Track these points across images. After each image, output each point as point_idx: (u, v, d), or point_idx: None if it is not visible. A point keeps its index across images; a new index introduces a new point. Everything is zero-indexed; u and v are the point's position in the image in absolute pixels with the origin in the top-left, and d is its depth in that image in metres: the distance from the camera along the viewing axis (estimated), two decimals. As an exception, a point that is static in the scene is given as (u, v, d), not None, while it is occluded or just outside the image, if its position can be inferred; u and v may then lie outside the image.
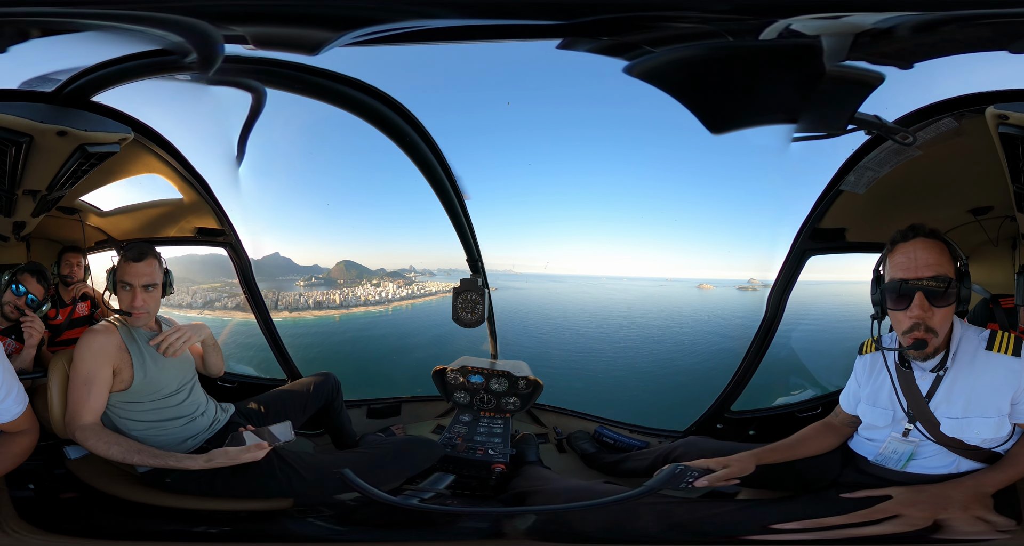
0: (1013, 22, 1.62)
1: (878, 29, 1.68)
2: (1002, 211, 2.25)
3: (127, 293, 2.08)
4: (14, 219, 2.43)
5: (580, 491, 2.06)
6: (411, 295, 4.98)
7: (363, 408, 3.14)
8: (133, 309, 2.07)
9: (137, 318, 2.09)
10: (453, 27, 1.84)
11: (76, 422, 1.95)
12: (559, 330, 4.04)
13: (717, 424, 2.89)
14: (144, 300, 2.08)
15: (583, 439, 2.89)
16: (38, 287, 2.41)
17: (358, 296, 4.59)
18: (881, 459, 1.84)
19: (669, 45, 1.85)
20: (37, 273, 2.42)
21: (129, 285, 2.07)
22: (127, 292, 2.08)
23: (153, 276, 2.09)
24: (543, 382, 2.92)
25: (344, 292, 4.58)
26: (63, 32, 1.84)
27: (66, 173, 2.26)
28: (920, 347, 1.68)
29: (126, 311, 2.09)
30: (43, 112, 2.04)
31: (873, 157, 2.24)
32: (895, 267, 1.71)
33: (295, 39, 1.86)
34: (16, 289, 2.37)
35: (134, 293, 2.07)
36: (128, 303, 2.08)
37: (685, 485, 1.84)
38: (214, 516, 1.97)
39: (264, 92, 2.31)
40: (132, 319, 2.09)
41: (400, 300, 4.96)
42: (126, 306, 2.08)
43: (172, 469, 1.90)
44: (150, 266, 2.09)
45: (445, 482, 2.41)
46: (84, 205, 2.70)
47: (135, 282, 2.06)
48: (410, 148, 2.52)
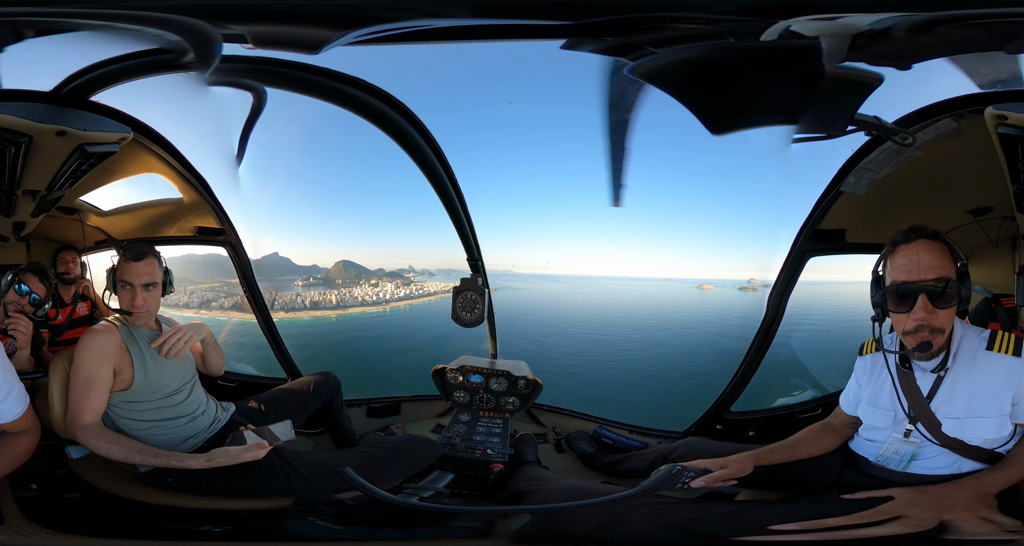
0: (1009, 22, 1.61)
1: (877, 30, 1.68)
2: (1002, 211, 2.26)
3: (127, 292, 2.08)
4: (14, 219, 2.44)
5: (577, 491, 2.06)
6: (409, 295, 4.97)
7: (363, 407, 3.15)
8: (133, 308, 2.08)
9: (138, 317, 2.10)
10: (455, 27, 1.83)
11: (77, 422, 1.97)
12: (559, 332, 4.03)
13: (717, 425, 2.90)
14: (144, 299, 2.09)
15: (582, 439, 2.90)
16: (40, 286, 2.44)
17: (355, 296, 4.59)
18: (882, 460, 1.84)
19: (671, 46, 1.84)
20: (39, 273, 2.46)
21: (129, 284, 2.08)
22: (127, 291, 2.08)
23: (153, 275, 2.10)
24: (542, 382, 2.93)
25: (341, 292, 4.58)
26: (61, 31, 1.83)
27: (65, 173, 2.26)
28: (925, 348, 1.68)
29: (126, 311, 2.10)
30: (42, 112, 2.03)
31: (873, 158, 2.25)
32: (897, 269, 1.70)
33: (296, 38, 1.85)
34: (19, 289, 2.39)
35: (134, 292, 2.08)
36: (128, 302, 2.09)
37: (682, 485, 1.84)
38: (216, 515, 1.99)
39: (264, 91, 2.31)
40: (133, 318, 2.10)
41: (398, 301, 4.95)
42: (126, 305, 2.09)
43: (173, 468, 1.91)
44: (150, 265, 2.10)
45: (443, 481, 2.42)
46: (84, 205, 2.72)
47: (135, 281, 2.07)
48: (411, 147, 2.52)
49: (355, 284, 4.64)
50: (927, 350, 1.69)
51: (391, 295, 4.76)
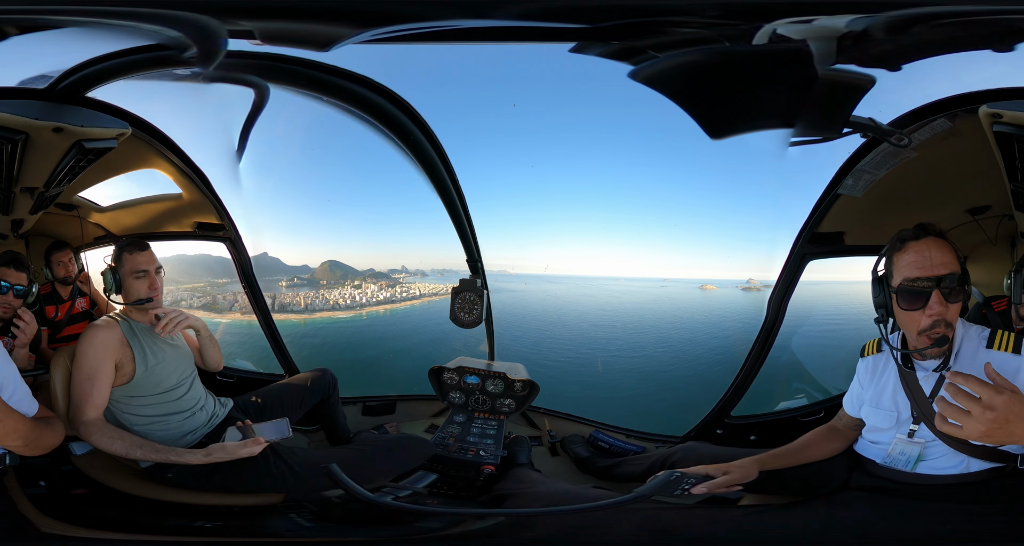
0: (998, 20, 1.67)
1: (867, 30, 1.74)
2: (999, 210, 2.31)
3: (142, 281, 2.19)
4: (12, 217, 2.49)
5: (565, 495, 2.09)
6: (391, 299, 4.75)
7: (358, 405, 3.19)
8: (154, 292, 2.20)
9: (158, 300, 2.21)
10: (464, 28, 1.89)
11: (80, 417, 2.05)
12: (558, 336, 4.05)
13: (717, 429, 2.90)
14: (161, 282, 2.21)
15: (577, 443, 2.91)
16: (19, 275, 2.39)
17: (326, 299, 4.44)
18: (889, 461, 1.85)
19: (672, 49, 1.89)
20: (13, 262, 2.40)
21: (143, 272, 2.19)
22: (142, 280, 2.19)
23: (156, 260, 2.24)
24: (539, 384, 2.95)
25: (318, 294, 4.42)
26: (59, 27, 1.88)
27: (63, 170, 2.33)
28: (943, 343, 1.70)
29: (146, 298, 2.20)
30: (38, 109, 2.10)
31: (869, 160, 2.29)
32: (909, 266, 1.73)
33: (307, 35, 1.90)
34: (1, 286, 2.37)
35: (150, 278, 2.19)
36: (147, 288, 2.20)
37: (681, 492, 1.84)
38: (215, 511, 2.06)
39: (266, 87, 2.37)
40: (153, 303, 2.21)
41: (376, 305, 4.73)
42: (145, 292, 2.20)
43: (173, 464, 2.00)
44: (152, 253, 2.24)
45: (428, 481, 2.47)
46: (82, 201, 2.77)
47: (149, 267, 2.20)
48: (414, 147, 2.57)
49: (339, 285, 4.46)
50: (944, 344, 1.71)
51: (370, 298, 4.45)
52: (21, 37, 1.86)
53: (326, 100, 2.37)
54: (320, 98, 2.36)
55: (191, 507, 2.04)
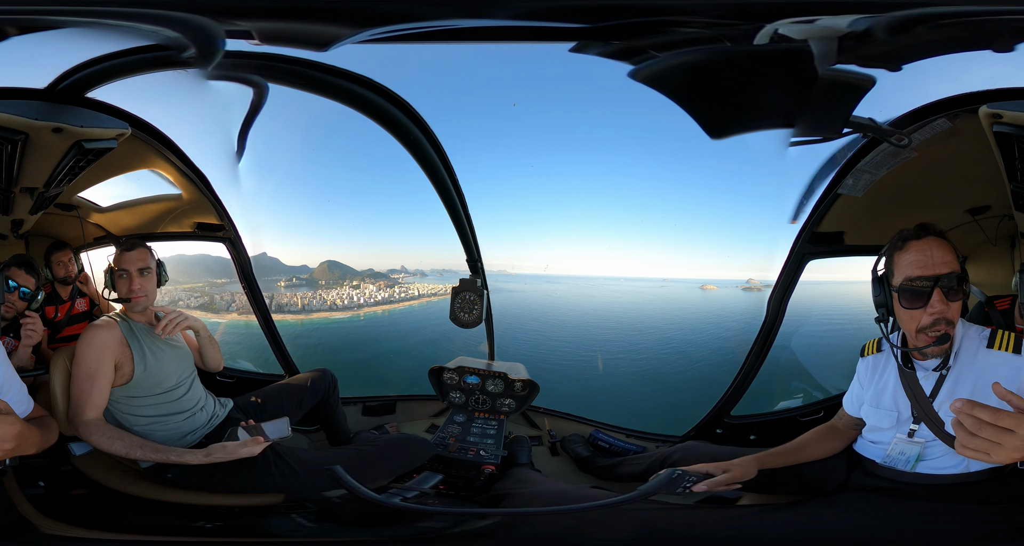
0: (997, 20, 1.68)
1: (868, 30, 1.74)
2: (999, 210, 2.32)
3: (124, 280, 2.22)
4: (12, 217, 2.49)
5: (565, 495, 2.10)
6: (389, 299, 4.74)
7: (359, 405, 3.20)
8: (132, 293, 2.21)
9: (136, 302, 2.23)
10: (464, 28, 1.89)
11: (79, 418, 2.06)
12: (558, 336, 4.06)
13: (717, 429, 2.91)
14: (141, 284, 2.22)
15: (577, 442, 2.92)
16: (28, 278, 2.45)
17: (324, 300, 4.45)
18: (889, 461, 1.87)
19: (673, 49, 1.90)
20: (24, 265, 2.46)
21: (125, 272, 2.22)
22: (124, 280, 2.22)
23: (146, 261, 2.25)
24: (539, 384, 2.96)
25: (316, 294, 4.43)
26: (58, 27, 1.89)
27: (63, 170, 2.33)
28: (944, 341, 1.73)
29: (125, 298, 2.22)
30: (38, 109, 2.10)
31: (869, 160, 2.30)
32: (910, 265, 1.75)
33: (306, 35, 1.90)
34: (6, 285, 2.41)
35: (131, 278, 2.21)
36: (127, 289, 2.22)
37: (683, 490, 1.86)
38: (215, 511, 2.07)
39: (265, 87, 2.37)
40: (132, 304, 2.23)
41: (374, 305, 4.73)
42: (124, 292, 2.23)
43: (173, 464, 2.01)
44: (142, 254, 2.25)
45: (431, 481, 2.48)
46: (82, 201, 2.76)
47: (130, 267, 2.22)
48: (414, 147, 2.58)
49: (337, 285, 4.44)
50: (945, 343, 1.73)
51: (368, 298, 4.45)
52: (21, 37, 1.86)
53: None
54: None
55: (191, 507, 2.05)
